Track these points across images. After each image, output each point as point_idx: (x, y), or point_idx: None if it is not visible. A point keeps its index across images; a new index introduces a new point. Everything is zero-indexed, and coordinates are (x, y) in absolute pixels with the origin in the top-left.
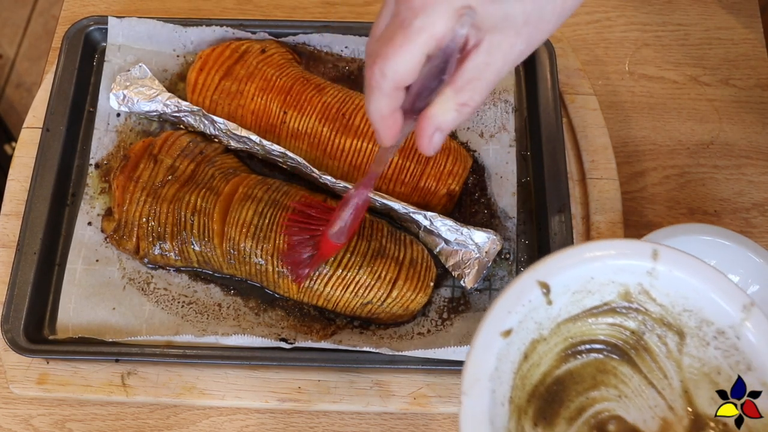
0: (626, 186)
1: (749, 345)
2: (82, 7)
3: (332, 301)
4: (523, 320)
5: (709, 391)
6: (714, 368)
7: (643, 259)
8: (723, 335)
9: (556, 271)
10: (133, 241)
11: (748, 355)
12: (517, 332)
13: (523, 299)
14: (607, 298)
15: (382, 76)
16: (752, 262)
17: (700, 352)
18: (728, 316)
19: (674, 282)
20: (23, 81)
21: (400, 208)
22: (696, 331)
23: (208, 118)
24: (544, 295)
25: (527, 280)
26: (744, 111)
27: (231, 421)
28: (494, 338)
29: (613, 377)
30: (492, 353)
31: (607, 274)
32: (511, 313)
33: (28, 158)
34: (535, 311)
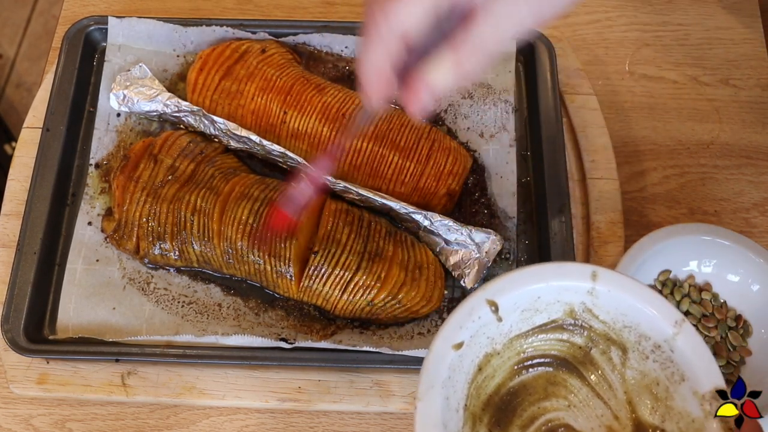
0: (626, 186)
1: (682, 357)
2: (82, 7)
3: (331, 302)
4: (475, 335)
5: (649, 401)
6: (653, 380)
7: (584, 280)
8: (659, 349)
9: (504, 291)
10: (133, 241)
11: (681, 366)
12: (469, 345)
13: (474, 316)
14: (554, 316)
15: (386, 23)
16: (752, 262)
17: (640, 365)
18: (662, 331)
19: (613, 300)
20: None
21: (399, 208)
22: (636, 346)
23: (208, 118)
24: (493, 312)
25: (477, 298)
26: (744, 111)
27: (231, 421)
28: (447, 350)
29: (563, 389)
30: (445, 364)
31: (552, 294)
32: (462, 329)
33: (28, 158)
34: (486, 327)
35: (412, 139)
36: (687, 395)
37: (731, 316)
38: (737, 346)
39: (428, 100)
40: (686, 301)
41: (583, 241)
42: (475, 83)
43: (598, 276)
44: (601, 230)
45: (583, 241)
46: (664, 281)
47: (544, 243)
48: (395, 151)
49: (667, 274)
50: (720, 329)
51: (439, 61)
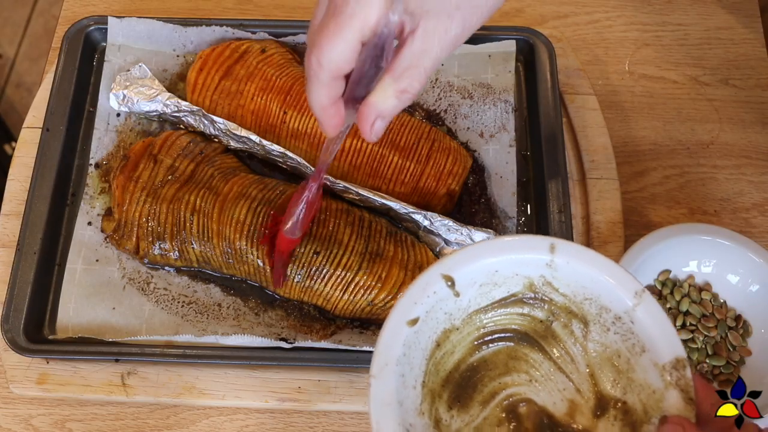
0: (626, 186)
1: (642, 329)
2: (82, 7)
3: (332, 302)
4: (431, 310)
5: (611, 374)
6: (615, 352)
7: (542, 252)
8: (620, 321)
9: (460, 265)
10: (133, 241)
11: (642, 338)
12: (425, 321)
13: (428, 291)
14: (513, 290)
15: (319, 66)
16: (752, 262)
17: (602, 338)
18: (622, 302)
19: (573, 273)
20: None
21: (399, 208)
22: (597, 318)
23: (208, 118)
24: (449, 287)
25: (432, 273)
26: (744, 111)
27: (231, 421)
28: (401, 327)
29: (524, 363)
30: (399, 341)
31: (511, 267)
32: (417, 304)
33: (28, 158)
34: (443, 302)
35: (412, 139)
36: (648, 366)
37: (731, 316)
38: (737, 346)
39: (378, 125)
40: (686, 301)
41: (583, 241)
42: (474, 83)
43: (557, 248)
44: (601, 230)
45: (583, 241)
46: (664, 281)
47: None
48: (395, 151)
49: (667, 274)
50: (720, 329)
51: (379, 86)
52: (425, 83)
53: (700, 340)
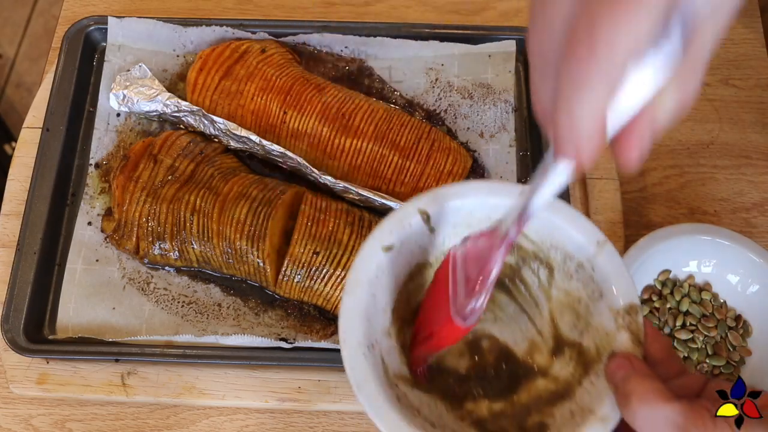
0: (626, 186)
1: (601, 275)
2: (82, 7)
3: (332, 302)
4: (405, 241)
5: (570, 318)
6: (576, 299)
7: (514, 198)
8: (582, 268)
9: (436, 202)
10: (133, 241)
11: (600, 284)
12: (399, 251)
13: (404, 222)
14: None
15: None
16: (752, 262)
17: (565, 285)
18: (585, 250)
19: (542, 220)
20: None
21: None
22: (562, 266)
23: (208, 118)
24: (424, 221)
25: (409, 207)
26: (744, 111)
27: (231, 421)
28: (376, 251)
29: (491, 303)
30: (373, 263)
31: (485, 210)
32: (392, 233)
33: (28, 158)
34: (417, 236)
35: (412, 139)
36: (604, 311)
37: (731, 316)
38: (737, 346)
39: (648, 141)
40: (686, 301)
41: None
42: (475, 83)
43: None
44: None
45: None
46: (664, 281)
47: None
48: (395, 151)
49: (667, 274)
50: (720, 329)
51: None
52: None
53: (700, 340)
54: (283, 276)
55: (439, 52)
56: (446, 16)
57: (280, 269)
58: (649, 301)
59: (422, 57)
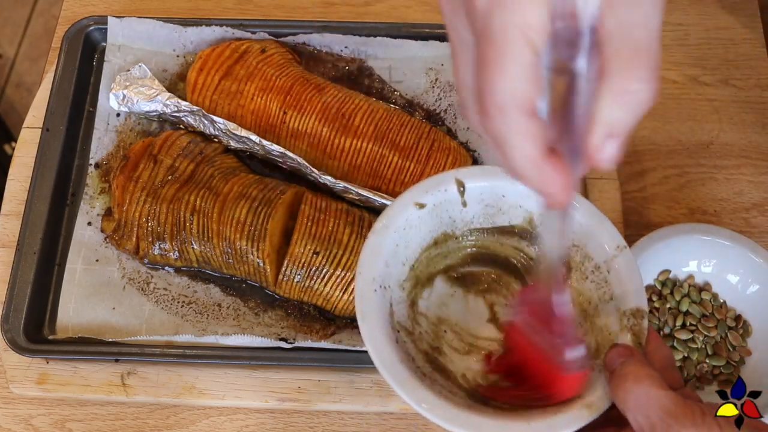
0: (626, 186)
1: (615, 278)
2: (82, 7)
3: (332, 302)
4: (438, 205)
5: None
6: (587, 299)
7: None
8: (598, 270)
9: (474, 177)
10: (132, 241)
11: (613, 287)
12: (430, 212)
13: (441, 187)
14: (514, 222)
15: (500, 110)
16: (752, 262)
17: (579, 285)
18: (605, 252)
19: None
20: (23, 81)
21: None
22: (579, 266)
23: (208, 118)
24: (459, 192)
25: (448, 174)
26: (744, 111)
27: (231, 421)
28: (409, 204)
29: (505, 288)
30: (404, 215)
31: (516, 197)
32: (428, 193)
33: (28, 158)
34: (450, 204)
35: (412, 139)
36: (611, 312)
37: (731, 316)
38: (737, 346)
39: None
40: (686, 301)
41: None
42: None
43: None
44: None
45: None
46: (664, 281)
47: None
48: (395, 151)
49: (667, 274)
50: (720, 329)
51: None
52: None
53: (700, 340)
54: (283, 276)
55: (439, 52)
56: None
57: (280, 269)
58: (649, 301)
59: (422, 57)
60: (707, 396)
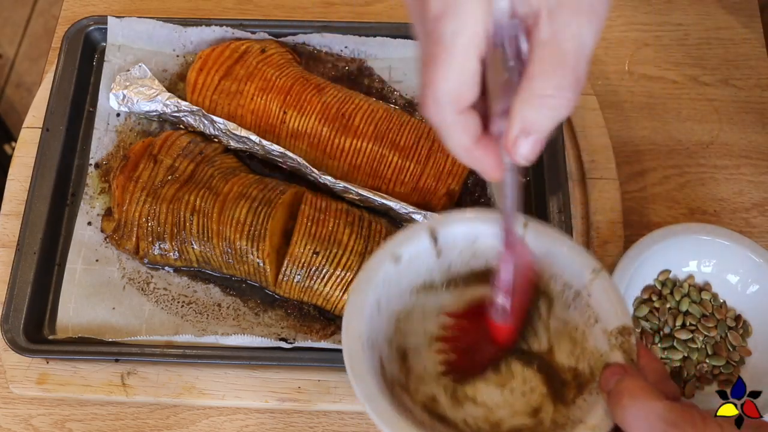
0: (626, 186)
1: (596, 301)
2: (82, 7)
3: (332, 302)
4: (413, 257)
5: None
6: (573, 327)
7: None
8: (579, 296)
9: (445, 224)
10: (132, 241)
11: (596, 309)
12: (407, 265)
13: (414, 238)
14: (491, 264)
15: (437, 105)
16: (752, 262)
17: (563, 314)
18: (582, 277)
19: (541, 249)
20: (23, 81)
21: (399, 208)
22: (561, 295)
23: (208, 118)
24: (432, 242)
25: (420, 225)
26: (744, 111)
27: (231, 421)
28: (385, 260)
29: None
30: (381, 270)
31: (488, 238)
32: (402, 245)
33: (28, 158)
34: (425, 255)
35: (412, 139)
36: (598, 335)
37: (731, 316)
38: (737, 346)
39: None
40: (686, 301)
41: (583, 241)
42: None
43: (528, 225)
44: (601, 230)
45: (583, 241)
46: (664, 281)
47: None
48: (395, 151)
49: (667, 274)
50: (720, 329)
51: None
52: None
53: (700, 340)
54: (283, 276)
55: None
56: None
57: (280, 269)
58: (649, 301)
59: None
60: (707, 396)
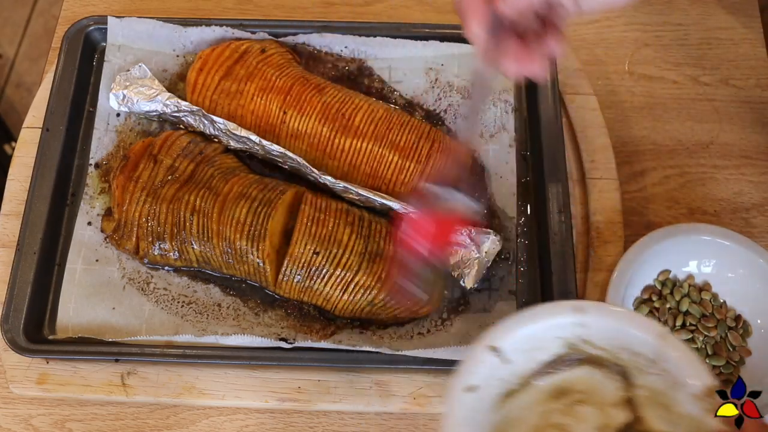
0: (626, 186)
1: (673, 366)
2: (82, 7)
3: (332, 302)
4: (485, 379)
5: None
6: (658, 392)
7: (569, 315)
8: (653, 363)
9: (503, 336)
10: (132, 241)
11: (675, 374)
12: (482, 388)
13: (479, 361)
14: (556, 351)
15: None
16: (752, 262)
17: (643, 380)
18: (650, 345)
19: (602, 328)
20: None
21: (399, 208)
22: (634, 363)
23: (208, 118)
24: (497, 357)
25: (480, 347)
26: (744, 111)
27: (231, 421)
28: (460, 394)
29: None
30: (461, 406)
31: (547, 332)
32: (471, 374)
33: (28, 158)
34: (494, 370)
35: (412, 139)
36: (686, 399)
37: (731, 316)
38: (737, 346)
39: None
40: (686, 301)
41: (583, 241)
42: None
43: (583, 309)
44: (601, 230)
45: (583, 241)
46: (664, 281)
47: (544, 243)
48: (395, 151)
49: (667, 274)
50: (720, 329)
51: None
52: None
53: (700, 340)
54: (283, 276)
55: (439, 52)
56: (446, 16)
57: (280, 269)
58: (649, 301)
59: (422, 57)
60: None
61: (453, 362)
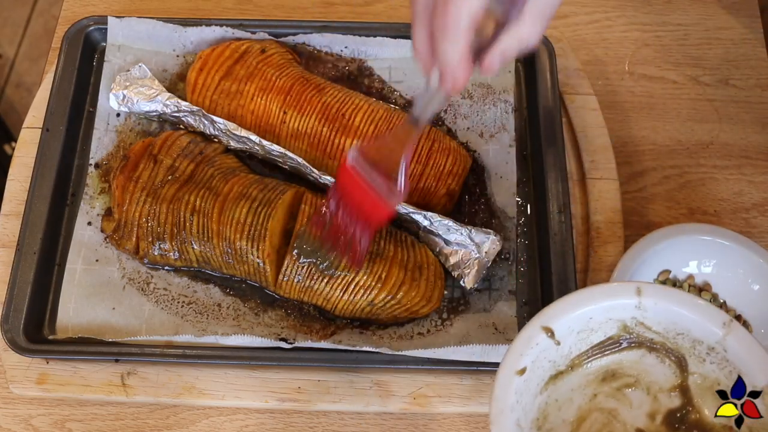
0: (626, 186)
1: (735, 356)
2: (82, 7)
3: (332, 302)
4: (536, 360)
5: (714, 401)
6: (714, 381)
7: (629, 296)
8: (713, 351)
9: (557, 317)
10: (132, 241)
11: (737, 364)
12: (532, 370)
13: (532, 342)
14: (609, 333)
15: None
16: (752, 262)
17: (699, 368)
18: (713, 333)
19: (661, 311)
20: (23, 81)
21: (399, 208)
22: (692, 351)
23: (208, 118)
24: (549, 337)
25: (533, 327)
26: (744, 111)
27: (231, 421)
28: (511, 377)
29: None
30: (511, 389)
31: (603, 313)
32: (523, 356)
33: (28, 158)
34: (546, 351)
35: None
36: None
37: (731, 316)
38: None
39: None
40: None
41: (583, 241)
42: (474, 83)
43: (643, 291)
44: (601, 230)
45: (583, 241)
46: (664, 281)
47: (544, 243)
48: None
49: (667, 274)
50: None
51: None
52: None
53: None
54: (283, 276)
55: None
56: None
57: (280, 269)
58: None
59: None
60: None
61: (453, 362)
